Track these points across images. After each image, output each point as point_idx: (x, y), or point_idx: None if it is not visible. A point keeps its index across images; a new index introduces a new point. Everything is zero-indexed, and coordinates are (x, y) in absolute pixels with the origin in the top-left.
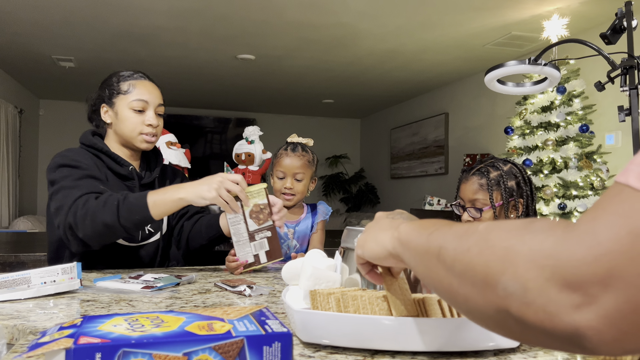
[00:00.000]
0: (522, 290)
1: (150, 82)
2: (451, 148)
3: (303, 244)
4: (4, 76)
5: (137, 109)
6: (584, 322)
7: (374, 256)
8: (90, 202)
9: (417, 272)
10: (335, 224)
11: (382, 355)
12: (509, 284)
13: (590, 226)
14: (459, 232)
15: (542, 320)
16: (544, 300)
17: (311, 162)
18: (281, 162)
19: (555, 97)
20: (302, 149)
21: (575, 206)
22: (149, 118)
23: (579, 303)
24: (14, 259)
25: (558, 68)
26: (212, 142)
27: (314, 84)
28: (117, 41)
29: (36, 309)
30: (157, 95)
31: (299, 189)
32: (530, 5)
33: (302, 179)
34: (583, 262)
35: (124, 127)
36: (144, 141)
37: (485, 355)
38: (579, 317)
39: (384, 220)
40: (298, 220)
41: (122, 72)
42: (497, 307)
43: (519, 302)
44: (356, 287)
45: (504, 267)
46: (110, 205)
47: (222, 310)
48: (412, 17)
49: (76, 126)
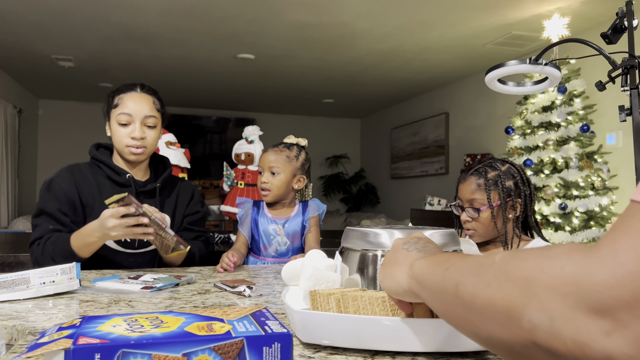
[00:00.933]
0: (548, 321)
1: (141, 94)
2: (451, 148)
3: (294, 241)
4: (3, 76)
5: (122, 123)
6: (616, 348)
7: (392, 292)
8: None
9: (435, 309)
10: (335, 224)
11: (382, 356)
12: (534, 315)
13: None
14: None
15: (572, 350)
16: (572, 329)
17: (292, 158)
18: (261, 158)
19: (556, 96)
20: (286, 146)
21: (576, 206)
22: (133, 131)
23: (608, 329)
24: (13, 259)
25: (559, 68)
26: (211, 142)
27: (314, 84)
28: (117, 41)
29: (35, 309)
30: (144, 107)
31: (274, 183)
32: (530, 4)
33: (279, 173)
34: (607, 287)
35: (114, 139)
36: (130, 153)
37: (485, 356)
38: (609, 344)
39: (399, 252)
40: (288, 217)
41: (121, 86)
42: (524, 340)
43: (546, 333)
44: (356, 288)
45: (527, 299)
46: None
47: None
48: (412, 16)
49: (75, 126)
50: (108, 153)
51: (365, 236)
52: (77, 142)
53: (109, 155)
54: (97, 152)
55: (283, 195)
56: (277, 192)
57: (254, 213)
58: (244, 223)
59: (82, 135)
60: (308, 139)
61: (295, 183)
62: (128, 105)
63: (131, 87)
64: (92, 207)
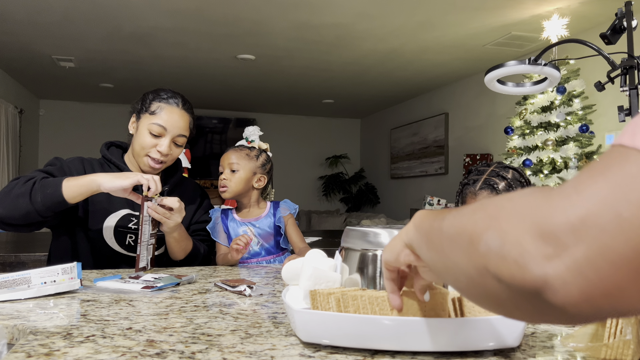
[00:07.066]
0: (500, 243)
1: (181, 110)
2: (451, 148)
3: (267, 240)
4: (4, 76)
5: (153, 133)
6: (552, 272)
7: (391, 252)
8: (13, 182)
9: (423, 255)
10: (335, 224)
11: (382, 355)
12: (490, 239)
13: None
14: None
15: (513, 274)
16: (518, 252)
17: (252, 157)
18: (222, 158)
19: (555, 97)
20: (247, 147)
21: None
22: (162, 145)
23: (549, 253)
24: (14, 259)
25: (558, 68)
26: (212, 142)
27: (314, 84)
28: (117, 41)
29: (36, 309)
30: (180, 126)
31: (233, 180)
32: (530, 5)
33: (238, 170)
34: (560, 212)
35: (137, 143)
36: (147, 165)
37: (485, 355)
38: (548, 268)
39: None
40: (258, 218)
41: (161, 91)
42: (479, 265)
43: (496, 256)
44: (356, 287)
45: (489, 224)
46: (29, 183)
47: None
48: (412, 17)
49: (76, 126)
50: (119, 152)
51: (365, 236)
52: (78, 142)
53: (121, 155)
54: (107, 152)
55: (241, 192)
56: (235, 189)
57: (223, 220)
58: (218, 233)
59: (83, 135)
60: (308, 139)
61: (255, 182)
62: (165, 119)
63: (173, 98)
64: (95, 203)
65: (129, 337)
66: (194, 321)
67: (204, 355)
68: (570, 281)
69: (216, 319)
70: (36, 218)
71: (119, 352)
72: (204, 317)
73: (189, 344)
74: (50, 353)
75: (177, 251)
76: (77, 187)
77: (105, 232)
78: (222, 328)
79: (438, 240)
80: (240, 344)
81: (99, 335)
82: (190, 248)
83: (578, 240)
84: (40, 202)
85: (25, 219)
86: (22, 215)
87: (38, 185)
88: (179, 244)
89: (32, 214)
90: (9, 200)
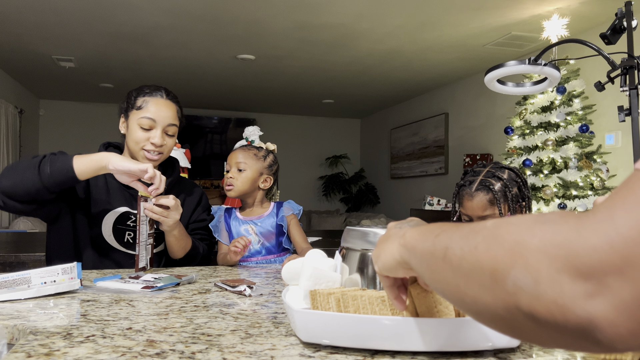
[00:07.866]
0: (532, 283)
1: (166, 100)
2: (451, 148)
3: (269, 239)
4: (4, 76)
5: (144, 127)
6: (598, 312)
7: (385, 267)
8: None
9: (425, 277)
10: (335, 224)
11: (382, 355)
12: (519, 278)
13: (608, 214)
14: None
15: (553, 314)
16: (556, 292)
17: (260, 157)
18: (229, 157)
19: (555, 97)
20: (254, 147)
21: (575, 206)
22: (154, 137)
23: (592, 292)
24: (14, 259)
25: (558, 68)
26: (212, 142)
27: (314, 84)
28: (117, 41)
29: (36, 309)
30: (168, 115)
31: (239, 179)
32: (530, 5)
33: (245, 170)
34: (598, 251)
35: (130, 141)
36: (145, 158)
37: (485, 355)
38: (592, 308)
39: (392, 230)
40: (260, 217)
41: (144, 87)
42: (507, 304)
43: (530, 296)
44: (356, 287)
45: (513, 261)
46: (37, 158)
47: None
48: (412, 17)
49: (76, 126)
50: (117, 152)
51: (365, 236)
52: (78, 142)
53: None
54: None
55: (247, 191)
56: (241, 188)
57: (226, 219)
58: (221, 231)
59: (83, 135)
60: (308, 139)
61: (261, 182)
62: (153, 111)
63: (156, 91)
64: (94, 200)
65: (129, 337)
66: (194, 321)
67: (204, 355)
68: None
69: (216, 319)
70: (41, 194)
71: (119, 352)
72: (204, 317)
73: (189, 344)
74: (50, 353)
75: (177, 250)
76: (88, 162)
77: (104, 229)
78: (222, 328)
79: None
80: (240, 344)
81: (99, 335)
82: (189, 247)
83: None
84: (49, 174)
85: (30, 193)
86: (27, 190)
87: (47, 159)
88: (178, 243)
89: (38, 188)
90: (15, 172)
